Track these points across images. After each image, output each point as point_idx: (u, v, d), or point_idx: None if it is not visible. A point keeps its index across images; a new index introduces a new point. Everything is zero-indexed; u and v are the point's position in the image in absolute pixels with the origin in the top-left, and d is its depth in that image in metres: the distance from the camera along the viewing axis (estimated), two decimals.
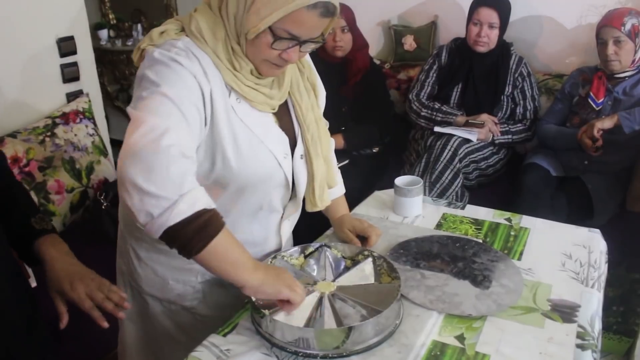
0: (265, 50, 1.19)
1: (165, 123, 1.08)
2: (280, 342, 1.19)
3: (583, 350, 1.18)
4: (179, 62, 1.15)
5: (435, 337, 1.23)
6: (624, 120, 2.34)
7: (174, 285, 1.45)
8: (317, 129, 1.38)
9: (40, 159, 2.32)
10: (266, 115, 1.30)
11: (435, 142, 2.67)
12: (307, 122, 1.36)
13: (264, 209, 1.39)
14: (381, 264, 1.38)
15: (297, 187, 1.40)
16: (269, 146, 1.29)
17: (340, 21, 2.78)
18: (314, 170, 1.38)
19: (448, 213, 1.77)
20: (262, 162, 1.29)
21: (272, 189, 1.36)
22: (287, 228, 1.49)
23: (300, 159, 1.37)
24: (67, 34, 2.64)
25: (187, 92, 1.14)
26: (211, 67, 1.19)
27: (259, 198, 1.36)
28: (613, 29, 2.41)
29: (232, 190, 1.30)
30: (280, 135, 1.33)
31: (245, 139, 1.25)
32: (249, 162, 1.27)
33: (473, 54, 2.81)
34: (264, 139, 1.28)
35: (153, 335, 1.56)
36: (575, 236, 1.62)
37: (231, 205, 1.33)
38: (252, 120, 1.26)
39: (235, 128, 1.24)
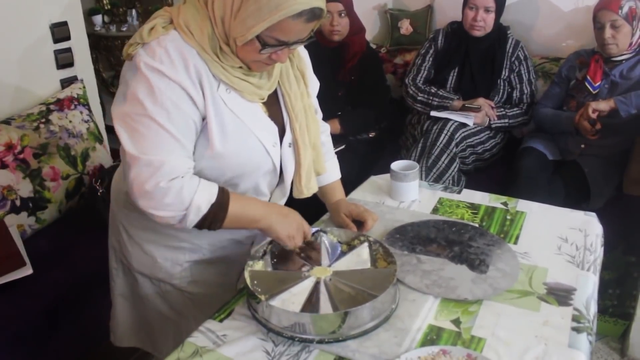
0: (254, 54, 1.22)
1: (158, 157, 1.18)
2: (277, 328, 1.19)
3: (578, 333, 1.19)
4: (163, 74, 1.17)
5: (432, 321, 1.23)
6: (620, 104, 2.34)
7: (163, 263, 1.47)
8: (306, 118, 1.40)
9: (35, 146, 2.31)
10: (255, 105, 1.32)
11: (432, 127, 2.66)
12: (296, 111, 1.37)
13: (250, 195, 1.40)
14: (377, 249, 1.38)
15: (285, 175, 1.41)
16: (258, 135, 1.31)
17: (338, 5, 2.76)
18: (301, 159, 1.40)
19: (444, 197, 1.76)
20: (251, 151, 1.31)
21: (260, 176, 1.38)
22: None
23: (289, 147, 1.39)
24: (61, 20, 2.61)
25: (174, 108, 1.19)
26: (198, 61, 1.21)
27: (246, 185, 1.38)
28: (610, 12, 2.40)
29: (222, 180, 1.32)
30: (269, 124, 1.34)
31: (234, 129, 1.27)
32: (237, 151, 1.29)
33: (469, 38, 2.79)
34: (253, 128, 1.30)
35: (143, 312, 1.59)
36: (571, 220, 1.62)
37: None
38: (242, 110, 1.28)
39: (224, 118, 1.25)
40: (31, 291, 1.94)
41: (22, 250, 2.02)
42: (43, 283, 1.98)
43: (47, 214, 2.32)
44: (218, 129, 1.25)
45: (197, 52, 1.21)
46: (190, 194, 1.20)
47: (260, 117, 1.33)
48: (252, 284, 1.27)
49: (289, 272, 1.34)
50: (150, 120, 1.18)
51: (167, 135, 1.19)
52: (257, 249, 1.38)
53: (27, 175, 2.25)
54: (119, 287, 1.61)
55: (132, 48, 1.22)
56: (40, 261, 2.02)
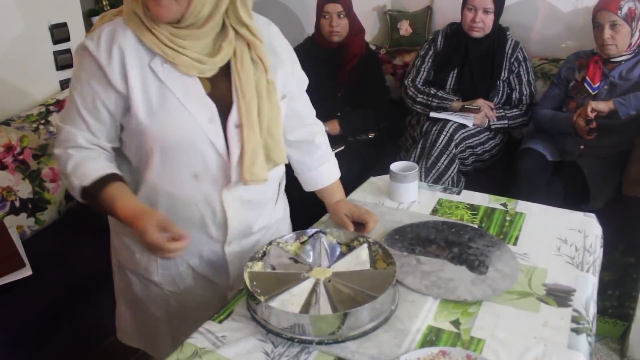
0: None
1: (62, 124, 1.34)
2: (276, 329, 1.19)
3: (578, 334, 1.19)
4: (88, 51, 1.28)
5: (431, 322, 1.23)
6: (619, 105, 2.34)
7: (140, 259, 1.47)
8: (260, 101, 1.35)
9: (35, 147, 2.31)
10: (193, 80, 1.31)
11: (431, 128, 2.66)
12: (244, 92, 1.33)
13: (201, 181, 1.36)
14: (376, 250, 1.38)
15: (231, 157, 1.36)
16: (189, 108, 1.30)
17: (337, 6, 2.77)
18: (244, 141, 1.34)
19: (444, 198, 1.76)
20: (180, 124, 1.30)
21: (201, 154, 1.34)
22: (234, 199, 1.42)
23: (235, 128, 1.35)
24: (60, 21, 2.62)
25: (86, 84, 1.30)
26: (131, 40, 1.27)
27: (190, 164, 1.35)
28: (609, 13, 2.40)
29: (158, 152, 1.33)
30: (204, 99, 1.32)
31: (162, 101, 1.29)
32: (164, 123, 1.30)
33: (469, 39, 2.79)
34: (184, 102, 1.29)
35: (138, 312, 1.59)
36: (570, 221, 1.62)
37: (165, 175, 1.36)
38: (175, 83, 1.29)
39: (152, 91, 1.28)
40: (30, 292, 1.94)
41: (22, 251, 2.02)
42: (42, 284, 1.97)
43: (47, 215, 2.32)
44: (143, 101, 1.28)
45: (132, 31, 1.27)
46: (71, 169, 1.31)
47: (196, 92, 1.31)
48: (251, 285, 1.27)
49: (288, 273, 1.33)
50: (70, 92, 1.32)
51: (74, 107, 1.31)
52: (257, 250, 1.38)
53: (26, 176, 2.25)
54: (117, 285, 1.62)
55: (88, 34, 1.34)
56: (39, 262, 2.02)
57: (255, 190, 1.44)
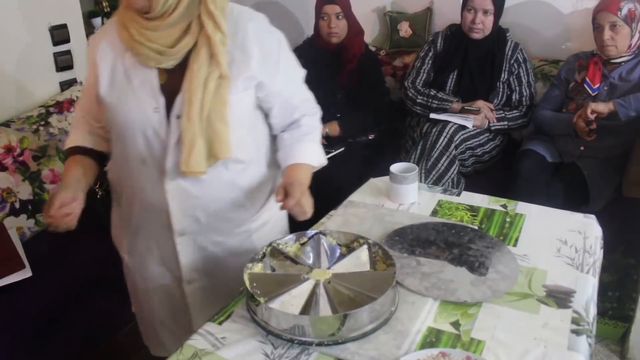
0: None
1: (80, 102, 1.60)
2: (276, 330, 1.19)
3: (578, 335, 1.19)
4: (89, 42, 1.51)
5: (431, 323, 1.23)
6: (619, 107, 2.34)
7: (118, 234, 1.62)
8: (203, 94, 1.36)
9: (35, 148, 2.31)
10: (151, 71, 1.39)
11: (431, 129, 2.66)
12: (191, 84, 1.36)
13: (146, 164, 1.43)
14: (376, 251, 1.38)
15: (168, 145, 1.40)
16: (138, 95, 1.39)
17: (336, 8, 2.77)
18: (182, 131, 1.37)
19: (443, 200, 1.76)
20: (129, 109, 1.40)
21: (146, 141, 1.41)
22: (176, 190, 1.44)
23: (176, 119, 1.38)
24: (60, 22, 2.62)
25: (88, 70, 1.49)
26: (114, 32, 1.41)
27: (138, 149, 1.43)
28: (609, 14, 2.40)
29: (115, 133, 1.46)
30: (154, 89, 1.39)
31: (120, 84, 1.41)
32: (118, 104, 1.42)
33: (468, 41, 2.79)
34: (137, 89, 1.39)
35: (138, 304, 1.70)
36: (570, 222, 1.62)
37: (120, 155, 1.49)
38: (136, 72, 1.40)
39: (118, 74, 1.41)
40: (30, 294, 1.94)
41: (22, 253, 2.02)
42: (42, 285, 1.97)
43: None
44: (107, 80, 1.43)
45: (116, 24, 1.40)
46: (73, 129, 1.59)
47: (150, 82, 1.39)
48: (251, 286, 1.27)
49: (288, 275, 1.33)
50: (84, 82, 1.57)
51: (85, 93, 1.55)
52: (257, 252, 1.38)
53: (26, 177, 2.25)
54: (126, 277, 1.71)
55: None
56: (39, 264, 2.02)
57: (205, 187, 1.44)
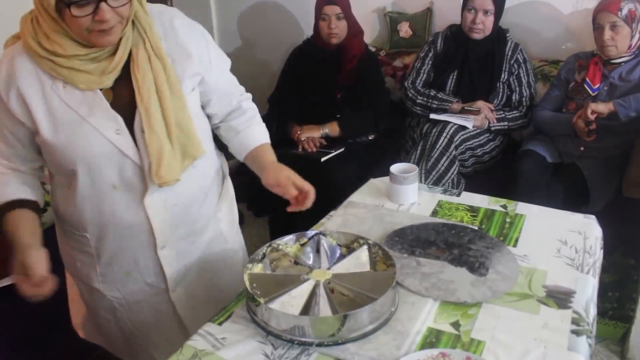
0: (75, 22, 1.19)
1: None
2: (276, 330, 1.19)
3: (578, 335, 1.19)
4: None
5: (431, 324, 1.23)
6: (619, 107, 2.34)
7: (81, 267, 1.50)
8: (159, 101, 1.33)
9: None
10: (95, 94, 1.30)
11: (431, 130, 2.66)
12: (142, 94, 1.31)
13: (120, 190, 1.37)
14: (376, 252, 1.38)
15: (143, 163, 1.35)
16: (93, 123, 1.30)
17: (335, 8, 2.77)
18: (148, 144, 1.32)
19: (443, 200, 1.76)
20: (88, 141, 1.31)
21: (115, 166, 1.34)
22: (157, 205, 1.41)
23: (142, 133, 1.33)
24: None
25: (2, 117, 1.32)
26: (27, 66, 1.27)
27: (106, 176, 1.35)
28: (610, 14, 2.40)
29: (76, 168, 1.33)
30: (108, 111, 1.31)
31: (66, 120, 1.29)
32: (71, 141, 1.30)
33: (468, 41, 2.79)
34: (87, 118, 1.29)
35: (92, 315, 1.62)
36: (570, 222, 1.62)
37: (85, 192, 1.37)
38: (77, 102, 1.29)
39: (56, 112, 1.29)
40: None
41: None
42: None
43: (47, 217, 2.30)
44: (49, 124, 1.29)
45: (28, 56, 1.27)
46: None
47: (100, 106, 1.30)
48: (251, 286, 1.27)
49: (288, 275, 1.33)
50: None
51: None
52: (257, 252, 1.38)
53: None
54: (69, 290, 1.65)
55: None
56: None
57: (180, 192, 1.43)
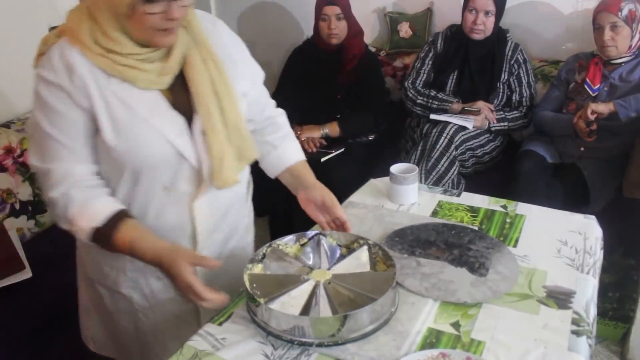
0: (145, 19, 1.18)
1: (47, 165, 1.25)
2: (276, 331, 1.19)
3: (578, 336, 1.18)
4: (46, 80, 1.21)
5: (431, 324, 1.23)
6: (619, 107, 2.34)
7: (109, 272, 1.45)
8: (218, 103, 1.32)
9: None
10: (155, 95, 1.27)
11: (431, 130, 2.66)
12: (201, 96, 1.30)
13: (170, 192, 1.34)
14: (376, 252, 1.38)
15: (203, 165, 1.33)
16: (157, 126, 1.27)
17: (335, 9, 2.77)
18: (210, 147, 1.31)
19: (444, 200, 1.76)
20: (149, 142, 1.27)
21: (171, 168, 1.32)
22: (203, 210, 1.39)
23: (201, 136, 1.31)
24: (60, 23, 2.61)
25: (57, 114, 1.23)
26: (83, 62, 1.21)
27: (159, 177, 1.32)
28: (610, 15, 2.40)
29: (129, 170, 1.30)
30: (170, 113, 1.29)
31: (127, 122, 1.25)
32: (132, 143, 1.26)
33: (469, 41, 2.79)
34: (149, 119, 1.26)
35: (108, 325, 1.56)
36: (570, 223, 1.62)
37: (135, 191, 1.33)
38: (137, 101, 1.25)
39: (116, 112, 1.24)
40: (30, 294, 1.94)
41: (22, 254, 2.02)
42: (42, 286, 1.97)
43: (47, 217, 2.32)
44: (109, 124, 1.24)
45: (81, 52, 1.21)
46: (76, 212, 1.25)
47: (161, 107, 1.28)
48: (251, 287, 1.27)
49: (288, 275, 1.33)
50: (40, 129, 1.23)
51: (53, 142, 1.23)
52: (257, 252, 1.38)
53: (26, 178, 2.25)
54: (82, 299, 1.59)
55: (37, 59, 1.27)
56: (39, 264, 2.02)
57: (225, 196, 1.43)
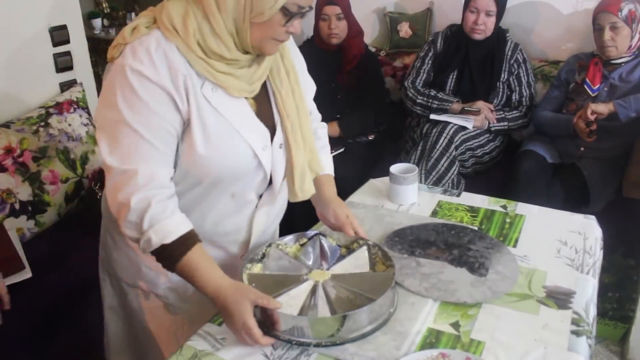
0: (275, 28, 1.18)
1: (133, 166, 1.16)
2: (275, 331, 1.19)
3: (578, 336, 1.18)
4: (144, 75, 1.13)
5: (431, 324, 1.23)
6: (619, 107, 2.34)
7: (147, 272, 1.41)
8: (298, 116, 1.32)
9: (34, 149, 2.31)
10: (243, 104, 1.25)
11: (431, 130, 2.66)
12: (287, 109, 1.30)
13: (237, 200, 1.32)
14: (376, 252, 1.38)
15: (274, 177, 1.32)
16: (246, 137, 1.24)
17: (336, 8, 2.77)
18: (294, 160, 1.31)
19: (443, 200, 1.76)
20: (238, 154, 1.24)
21: (245, 177, 1.29)
22: (262, 219, 1.40)
23: (279, 149, 1.31)
24: (60, 23, 2.62)
25: (152, 113, 1.15)
26: (180, 60, 1.16)
27: (230, 185, 1.29)
28: (610, 15, 2.40)
29: (208, 181, 1.26)
30: (258, 125, 1.27)
31: (218, 130, 1.21)
32: (222, 154, 1.22)
33: (469, 41, 2.79)
34: (240, 130, 1.23)
35: (132, 326, 1.53)
36: (570, 223, 1.62)
37: (205, 195, 1.29)
38: (228, 109, 1.22)
39: (207, 119, 1.19)
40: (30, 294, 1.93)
41: (22, 254, 2.02)
42: (42, 286, 1.97)
43: (47, 217, 2.31)
44: (200, 130, 1.19)
45: (178, 49, 1.15)
46: (150, 223, 1.16)
47: (250, 117, 1.26)
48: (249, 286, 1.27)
49: (287, 275, 1.33)
50: (126, 126, 1.15)
51: (143, 142, 1.16)
52: (256, 252, 1.38)
53: (26, 178, 2.25)
54: (107, 299, 1.54)
55: (115, 50, 1.18)
56: (39, 265, 2.01)
57: (278, 205, 1.43)
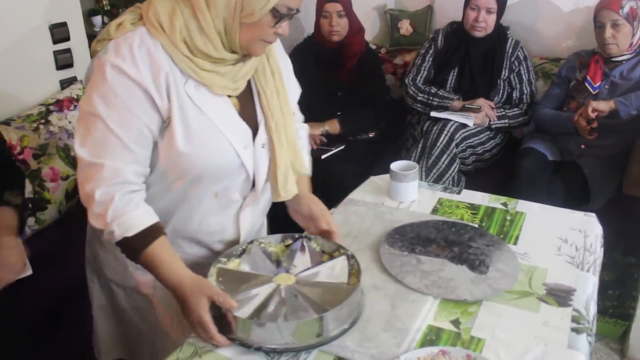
0: (264, 29, 1.19)
1: (100, 160, 1.16)
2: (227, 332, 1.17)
3: (578, 333, 1.19)
4: (125, 73, 1.14)
5: (431, 321, 1.23)
6: (620, 105, 2.34)
7: (134, 272, 1.41)
8: (282, 116, 1.32)
9: (35, 147, 2.31)
10: (226, 102, 1.25)
11: (432, 127, 2.66)
12: (272, 109, 1.30)
13: (221, 199, 1.33)
14: (353, 264, 1.32)
15: (257, 177, 1.33)
16: (227, 136, 1.24)
17: (337, 6, 2.77)
18: (277, 160, 1.31)
19: (444, 198, 1.76)
20: (218, 153, 1.24)
21: (227, 176, 1.29)
22: (247, 218, 1.40)
23: (262, 148, 1.31)
24: (60, 20, 2.61)
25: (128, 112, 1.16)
26: (164, 57, 1.17)
27: (213, 184, 1.29)
28: (611, 12, 2.39)
29: (189, 179, 1.26)
30: (240, 124, 1.27)
31: (200, 128, 1.21)
32: (202, 152, 1.22)
33: (469, 38, 2.79)
34: (222, 128, 1.23)
35: (121, 325, 1.53)
36: (571, 220, 1.62)
37: (187, 194, 1.29)
38: (210, 108, 1.22)
39: (189, 117, 1.20)
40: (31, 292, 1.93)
41: None
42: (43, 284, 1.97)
43: (47, 214, 2.31)
44: (182, 128, 1.19)
45: (162, 46, 1.16)
46: (113, 216, 1.17)
47: (232, 116, 1.26)
48: (217, 280, 1.25)
49: (255, 275, 1.29)
50: (100, 121, 1.15)
51: (113, 138, 1.16)
52: (237, 248, 1.35)
53: (26, 175, 2.25)
54: (96, 298, 1.55)
55: (99, 45, 1.19)
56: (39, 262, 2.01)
57: (263, 205, 1.43)
